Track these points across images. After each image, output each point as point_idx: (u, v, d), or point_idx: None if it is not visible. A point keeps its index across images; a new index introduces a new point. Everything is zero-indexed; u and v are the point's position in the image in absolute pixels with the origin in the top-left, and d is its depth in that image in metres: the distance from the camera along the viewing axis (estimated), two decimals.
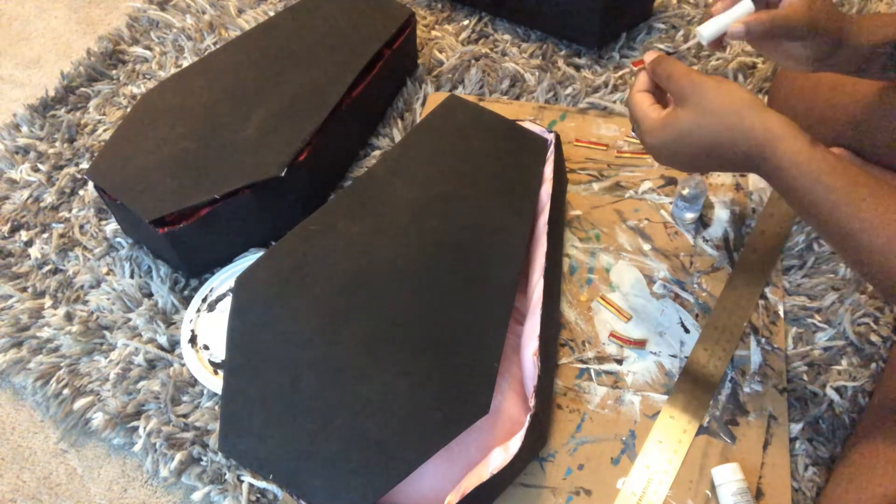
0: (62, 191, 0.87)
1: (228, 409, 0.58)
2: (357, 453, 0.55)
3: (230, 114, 0.78)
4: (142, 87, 0.98)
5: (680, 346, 0.70)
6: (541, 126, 0.79)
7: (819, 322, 0.71)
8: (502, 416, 0.62)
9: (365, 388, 0.58)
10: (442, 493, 0.57)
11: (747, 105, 0.51)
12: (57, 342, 0.75)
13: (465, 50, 0.97)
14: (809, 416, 0.66)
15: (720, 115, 0.52)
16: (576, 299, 0.74)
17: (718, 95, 0.52)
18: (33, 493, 0.69)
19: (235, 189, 0.72)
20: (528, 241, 0.69)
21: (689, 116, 0.53)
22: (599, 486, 0.62)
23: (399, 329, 0.61)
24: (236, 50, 0.85)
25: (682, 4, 1.01)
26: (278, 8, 1.07)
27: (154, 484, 0.68)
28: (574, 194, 0.82)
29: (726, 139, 0.52)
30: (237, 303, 0.63)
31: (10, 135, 0.93)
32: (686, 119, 0.53)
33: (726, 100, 0.52)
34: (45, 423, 0.73)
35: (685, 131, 0.53)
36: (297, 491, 0.54)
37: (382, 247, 0.66)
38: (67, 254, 0.82)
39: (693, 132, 0.53)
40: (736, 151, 0.52)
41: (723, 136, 0.52)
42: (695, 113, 0.52)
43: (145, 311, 0.76)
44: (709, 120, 0.52)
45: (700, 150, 0.53)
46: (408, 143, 0.75)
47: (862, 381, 0.67)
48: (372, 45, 0.84)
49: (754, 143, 0.51)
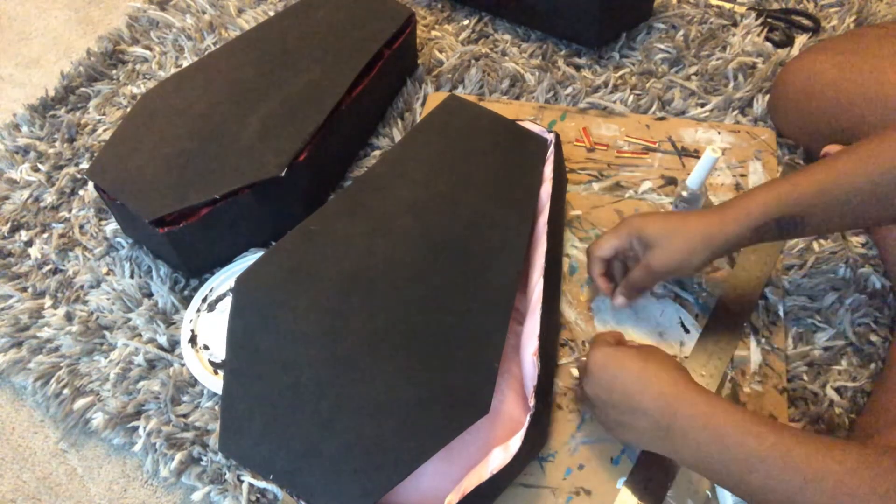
0: (62, 191, 0.87)
1: (228, 409, 0.58)
2: (357, 453, 0.55)
3: (230, 114, 0.78)
4: (142, 87, 0.98)
5: (680, 346, 0.70)
6: (541, 126, 0.79)
7: (819, 322, 0.71)
8: (502, 416, 0.62)
9: (365, 388, 0.58)
10: (442, 493, 0.57)
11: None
12: (57, 342, 0.75)
13: (465, 50, 0.97)
14: (809, 416, 0.66)
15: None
16: (576, 299, 0.74)
17: (653, 353, 0.57)
18: (33, 493, 0.69)
19: (235, 189, 0.72)
20: (528, 241, 0.69)
21: (631, 352, 0.57)
22: (599, 486, 0.62)
23: (399, 329, 0.61)
24: (236, 50, 0.85)
25: (682, 4, 1.01)
26: (278, 8, 1.07)
27: (154, 484, 0.68)
28: (574, 194, 0.82)
29: (645, 380, 0.54)
30: (237, 303, 0.63)
31: (10, 135, 0.93)
32: (627, 353, 0.57)
33: (659, 357, 0.56)
34: (45, 423, 0.73)
35: (622, 360, 0.57)
36: (297, 491, 0.54)
37: (382, 247, 0.66)
38: (67, 254, 0.82)
39: (626, 363, 0.56)
40: (653, 393, 0.54)
41: (645, 376, 0.55)
42: (634, 353, 0.57)
43: (145, 311, 0.76)
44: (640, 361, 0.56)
45: (623, 385, 0.56)
46: (408, 143, 0.75)
47: (862, 381, 0.67)
48: (372, 45, 0.84)
49: (668, 390, 0.53)
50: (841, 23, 0.97)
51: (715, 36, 0.97)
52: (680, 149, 0.85)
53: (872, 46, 0.75)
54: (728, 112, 0.88)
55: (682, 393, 0.52)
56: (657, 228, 0.63)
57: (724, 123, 0.87)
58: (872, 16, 0.98)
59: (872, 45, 0.75)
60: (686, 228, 0.61)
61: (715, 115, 0.89)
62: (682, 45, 0.95)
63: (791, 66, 0.82)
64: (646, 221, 0.64)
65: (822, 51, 0.80)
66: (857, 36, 0.79)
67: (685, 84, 0.91)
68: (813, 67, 0.79)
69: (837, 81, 0.75)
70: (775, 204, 0.58)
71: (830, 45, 0.80)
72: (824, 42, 0.82)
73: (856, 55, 0.75)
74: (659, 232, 0.63)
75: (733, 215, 0.59)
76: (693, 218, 0.62)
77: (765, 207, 0.58)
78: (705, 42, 0.96)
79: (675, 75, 0.93)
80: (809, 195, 0.56)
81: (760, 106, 0.88)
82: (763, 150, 0.84)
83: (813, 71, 0.78)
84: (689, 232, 0.61)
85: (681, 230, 0.62)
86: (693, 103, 0.90)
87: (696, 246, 0.60)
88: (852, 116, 0.73)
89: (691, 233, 0.61)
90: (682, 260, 0.61)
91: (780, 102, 0.84)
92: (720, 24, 0.98)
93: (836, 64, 0.76)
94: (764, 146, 0.84)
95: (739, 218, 0.59)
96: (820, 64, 0.78)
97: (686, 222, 0.62)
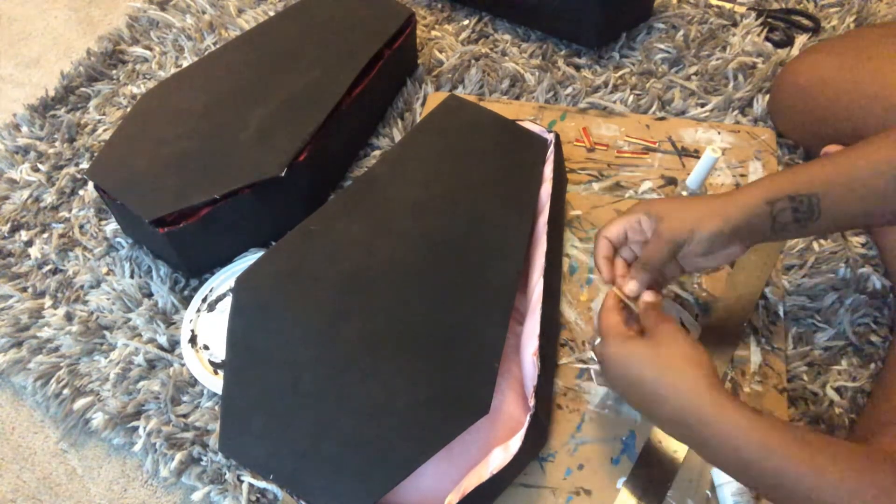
0: (62, 191, 0.87)
1: (228, 409, 0.58)
2: (357, 453, 0.55)
3: (230, 114, 0.78)
4: (142, 87, 0.98)
5: None
6: (541, 126, 0.79)
7: (819, 322, 0.71)
8: (502, 416, 0.62)
9: (365, 388, 0.58)
10: (442, 493, 0.57)
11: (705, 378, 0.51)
12: (57, 342, 0.75)
13: (465, 50, 0.97)
14: (809, 416, 0.66)
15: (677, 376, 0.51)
16: (576, 299, 0.74)
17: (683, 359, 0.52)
18: (33, 493, 0.69)
19: (235, 189, 0.72)
20: (528, 241, 0.69)
21: (654, 354, 0.53)
22: (599, 486, 0.62)
23: (399, 329, 0.61)
24: (236, 50, 0.85)
25: (682, 4, 1.01)
26: (278, 8, 1.07)
27: (154, 484, 0.68)
28: (574, 194, 0.82)
29: (662, 394, 0.51)
30: (237, 303, 0.63)
31: (10, 135, 0.93)
32: (650, 354, 0.53)
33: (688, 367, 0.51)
34: (45, 423, 0.73)
35: (644, 362, 0.53)
36: (297, 491, 0.54)
37: (382, 247, 0.66)
38: (67, 254, 0.82)
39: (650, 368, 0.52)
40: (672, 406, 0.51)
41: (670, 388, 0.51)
42: (661, 357, 0.53)
43: (145, 311, 0.76)
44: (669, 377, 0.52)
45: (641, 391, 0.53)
46: (408, 143, 0.75)
47: (862, 382, 0.67)
48: (372, 45, 0.84)
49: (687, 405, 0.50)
50: (841, 23, 0.97)
51: (715, 36, 0.97)
52: (680, 149, 0.85)
53: (873, 46, 0.75)
54: (728, 112, 0.88)
55: (702, 409, 0.49)
56: (666, 204, 0.61)
57: (724, 123, 0.87)
58: (872, 16, 0.98)
59: (873, 45, 0.75)
60: (697, 201, 0.59)
61: (715, 115, 0.89)
62: (682, 45, 0.95)
63: (791, 66, 0.82)
64: (654, 201, 0.62)
65: (823, 51, 0.80)
66: (858, 36, 0.79)
67: (685, 84, 0.91)
68: (813, 67, 0.79)
69: (837, 81, 0.75)
70: (788, 180, 0.56)
71: (830, 45, 0.80)
72: (824, 42, 0.82)
73: (856, 55, 0.75)
74: (668, 206, 0.60)
75: (746, 190, 0.57)
76: (705, 197, 0.60)
77: (778, 183, 0.56)
78: (705, 42, 0.96)
79: (675, 75, 0.93)
80: (825, 173, 0.55)
81: (760, 106, 0.88)
82: (763, 150, 0.84)
83: (813, 71, 0.78)
84: (700, 202, 0.59)
85: (691, 203, 0.59)
86: (693, 103, 0.90)
87: (707, 213, 0.58)
88: (852, 116, 0.73)
89: (702, 203, 0.59)
90: (693, 226, 0.57)
91: (780, 102, 0.84)
92: (720, 24, 0.98)
93: (837, 64, 0.76)
94: (764, 146, 0.84)
95: (751, 191, 0.57)
96: (820, 64, 0.78)
97: (697, 199, 0.60)
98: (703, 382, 0.50)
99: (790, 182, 0.55)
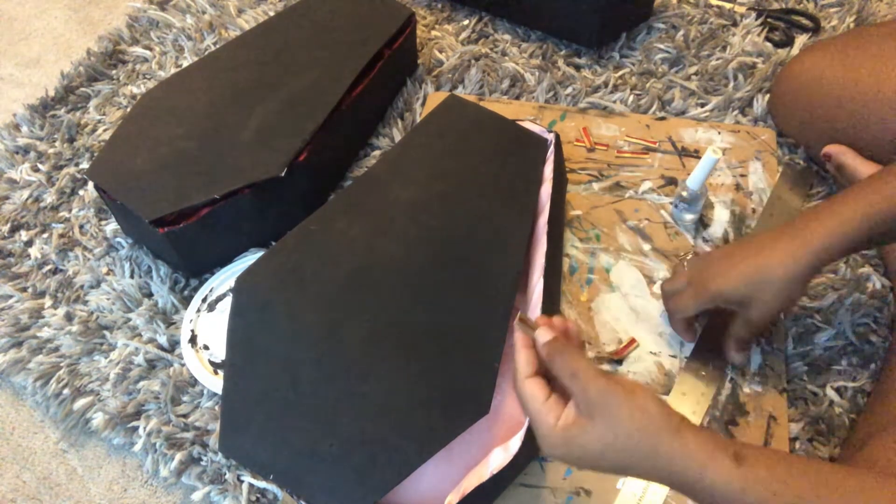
0: (62, 191, 0.87)
1: (228, 409, 0.58)
2: (357, 453, 0.55)
3: (230, 114, 0.78)
4: (142, 87, 0.98)
5: (680, 346, 0.70)
6: (541, 126, 0.79)
7: (819, 322, 0.71)
8: (502, 416, 0.62)
9: (365, 388, 0.58)
10: (442, 493, 0.57)
11: (663, 429, 0.45)
12: (57, 342, 0.75)
13: (465, 50, 0.97)
14: (809, 416, 0.66)
15: (634, 440, 0.45)
16: (576, 299, 0.74)
17: (631, 416, 0.45)
18: (33, 493, 0.69)
19: (235, 189, 0.72)
20: (528, 241, 0.69)
21: (599, 434, 0.45)
22: (599, 486, 0.62)
23: (399, 329, 0.61)
24: (236, 50, 0.85)
25: (682, 4, 1.01)
26: (278, 8, 1.07)
27: (154, 484, 0.68)
28: (574, 194, 0.82)
29: (643, 465, 0.45)
30: (237, 303, 0.63)
31: (10, 135, 0.93)
32: (595, 437, 0.45)
33: (639, 422, 0.45)
34: (45, 423, 0.73)
35: (595, 452, 0.46)
36: (297, 491, 0.54)
37: (382, 247, 0.66)
38: (67, 254, 0.82)
39: (605, 454, 0.45)
40: (658, 475, 0.46)
41: (638, 461, 0.45)
42: (605, 431, 0.45)
43: (145, 311, 0.76)
44: (622, 443, 0.45)
45: (614, 468, 0.46)
46: (408, 143, 0.75)
47: (862, 382, 0.67)
48: (372, 45, 0.84)
49: (676, 471, 0.45)
50: (841, 23, 0.97)
51: (715, 36, 0.97)
52: (680, 149, 0.85)
53: (873, 46, 0.75)
54: (728, 112, 0.88)
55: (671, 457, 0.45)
56: (739, 285, 0.58)
57: (725, 123, 0.87)
58: (872, 16, 0.98)
59: (873, 44, 0.75)
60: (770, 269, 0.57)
61: (715, 115, 0.89)
62: (682, 45, 0.95)
63: (791, 66, 0.82)
64: (725, 281, 0.59)
65: (823, 50, 0.79)
66: (858, 35, 0.79)
67: (685, 84, 0.91)
68: (813, 67, 0.79)
69: (838, 81, 0.75)
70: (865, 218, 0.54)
71: (831, 45, 0.80)
72: (824, 41, 0.82)
73: (856, 54, 0.75)
74: (744, 290, 0.58)
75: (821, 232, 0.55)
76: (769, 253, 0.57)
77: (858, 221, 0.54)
78: (705, 42, 0.96)
79: (675, 75, 0.93)
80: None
81: (760, 106, 0.88)
82: (763, 150, 0.84)
83: (813, 70, 0.78)
84: (777, 273, 0.57)
85: (767, 276, 0.57)
86: (693, 103, 0.90)
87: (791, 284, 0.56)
88: (853, 116, 0.73)
89: (778, 273, 0.57)
90: (782, 305, 0.58)
91: (781, 102, 0.84)
92: (720, 24, 0.98)
93: (837, 63, 0.76)
94: (764, 146, 0.84)
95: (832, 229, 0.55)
96: (820, 63, 0.78)
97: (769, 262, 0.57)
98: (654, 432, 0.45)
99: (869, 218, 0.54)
